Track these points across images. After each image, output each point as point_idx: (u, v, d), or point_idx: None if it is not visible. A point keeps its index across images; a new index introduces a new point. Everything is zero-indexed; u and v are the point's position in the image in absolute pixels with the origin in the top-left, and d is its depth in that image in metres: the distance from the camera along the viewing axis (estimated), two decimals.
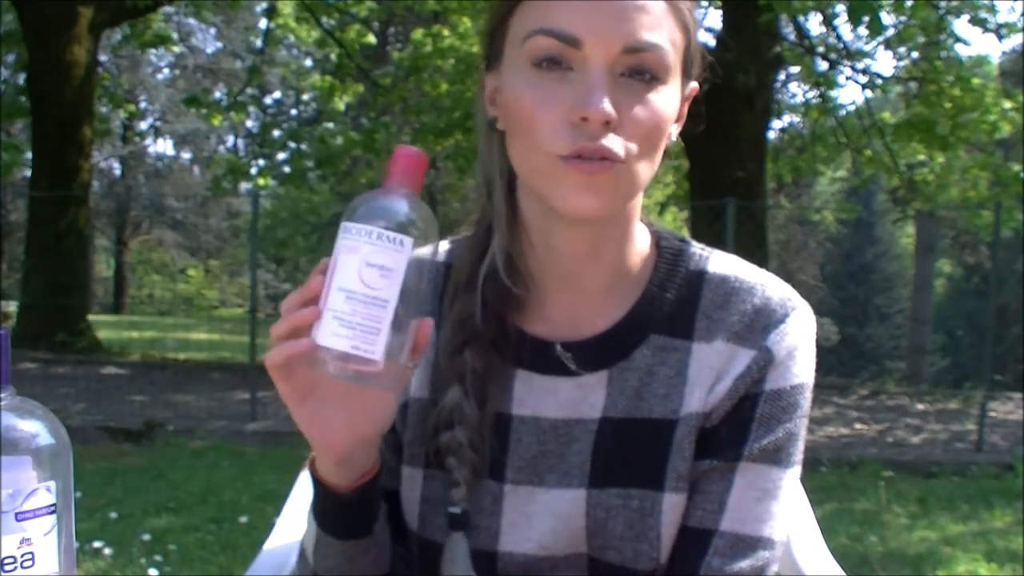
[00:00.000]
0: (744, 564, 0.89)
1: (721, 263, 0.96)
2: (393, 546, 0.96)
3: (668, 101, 0.85)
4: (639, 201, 0.93)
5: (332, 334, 0.74)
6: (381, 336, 0.75)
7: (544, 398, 0.94)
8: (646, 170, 0.86)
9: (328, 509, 0.89)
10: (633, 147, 0.83)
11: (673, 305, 0.94)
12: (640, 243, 0.96)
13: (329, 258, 0.78)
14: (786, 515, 0.92)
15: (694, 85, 0.92)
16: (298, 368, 0.79)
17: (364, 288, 0.74)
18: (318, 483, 0.88)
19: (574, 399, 0.93)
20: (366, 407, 0.83)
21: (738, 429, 0.91)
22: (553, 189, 0.85)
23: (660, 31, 0.83)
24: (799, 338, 0.92)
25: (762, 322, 0.92)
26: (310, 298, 0.77)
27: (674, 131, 0.91)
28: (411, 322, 0.78)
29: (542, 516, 0.92)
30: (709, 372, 0.91)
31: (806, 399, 0.93)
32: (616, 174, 0.83)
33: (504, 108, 0.88)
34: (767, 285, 0.94)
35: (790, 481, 0.92)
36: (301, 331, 0.76)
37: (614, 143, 0.82)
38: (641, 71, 0.83)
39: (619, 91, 0.82)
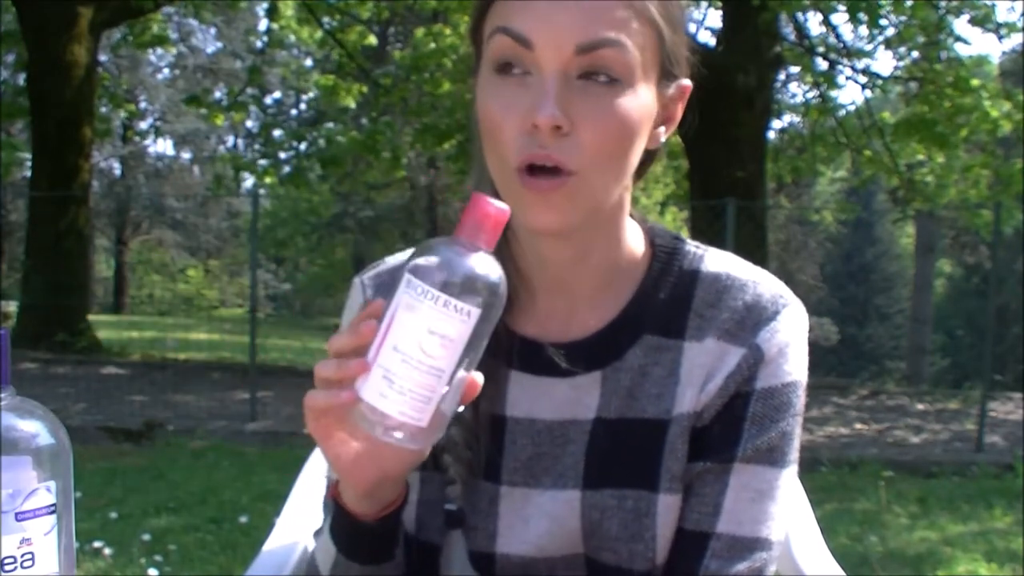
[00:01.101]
0: (742, 566, 0.88)
1: (715, 261, 0.95)
2: None
3: (633, 104, 0.83)
4: (625, 201, 0.92)
5: (380, 395, 0.71)
6: (431, 405, 0.71)
7: (538, 400, 0.93)
8: (610, 177, 0.85)
9: (350, 536, 0.88)
10: (588, 154, 0.81)
11: (666, 304, 0.93)
12: (632, 242, 0.95)
13: (383, 301, 0.73)
14: (783, 515, 0.92)
15: (686, 83, 0.90)
16: (333, 412, 0.77)
17: (421, 355, 0.70)
18: (341, 511, 0.87)
19: (568, 400, 0.93)
20: (395, 448, 0.80)
21: (731, 429, 0.90)
22: (514, 204, 0.83)
23: (618, 30, 0.81)
24: (791, 335, 0.91)
25: (753, 319, 0.91)
26: (361, 345, 0.73)
27: (663, 132, 0.89)
28: (463, 378, 0.74)
29: (538, 518, 0.92)
30: (700, 371, 0.91)
31: (799, 397, 0.92)
32: (571, 188, 0.82)
33: (478, 115, 0.87)
34: (759, 282, 0.93)
35: (786, 481, 0.92)
36: (347, 381, 0.74)
37: (563, 151, 0.80)
38: (597, 72, 0.81)
39: (575, 95, 0.81)
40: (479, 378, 0.76)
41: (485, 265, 0.71)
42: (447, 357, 0.70)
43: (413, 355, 0.70)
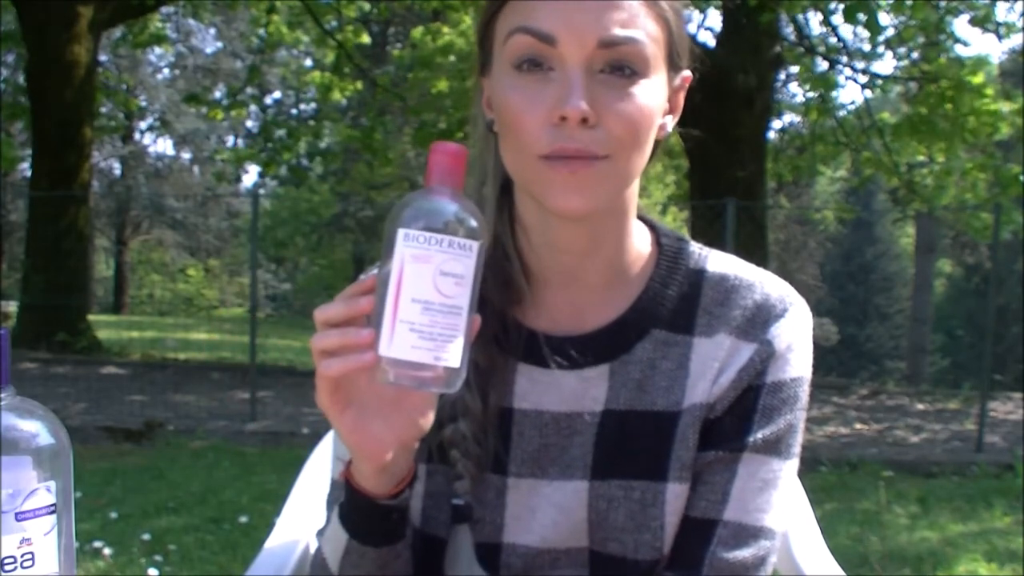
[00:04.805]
0: (747, 553, 0.91)
1: (719, 262, 0.98)
2: None
3: (651, 94, 0.86)
4: (634, 196, 0.94)
5: (411, 347, 0.74)
6: (458, 343, 0.75)
7: (546, 392, 0.95)
8: (634, 162, 0.87)
9: (364, 518, 0.88)
10: (616, 142, 0.84)
11: (674, 302, 0.96)
12: (639, 239, 0.97)
13: (374, 276, 0.76)
14: (786, 506, 0.94)
15: (686, 74, 0.94)
16: (345, 380, 0.78)
17: (441, 298, 0.74)
18: (355, 493, 0.87)
19: (576, 392, 0.94)
20: (408, 411, 0.82)
21: (741, 420, 0.93)
22: (541, 189, 0.86)
23: (635, 25, 0.84)
24: (797, 333, 0.95)
25: (762, 317, 0.94)
26: (354, 317, 0.76)
27: (669, 122, 0.93)
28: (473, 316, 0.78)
29: (545, 509, 0.94)
30: (712, 364, 0.93)
31: (805, 392, 0.96)
32: (600, 170, 0.84)
33: (495, 111, 0.90)
34: (765, 282, 0.97)
35: (789, 472, 0.94)
36: (352, 349, 0.75)
37: (593, 141, 0.83)
38: (620, 66, 0.84)
39: (599, 87, 0.83)
40: (478, 318, 0.79)
41: (465, 202, 0.76)
42: (462, 294, 0.75)
43: (434, 300, 0.74)
